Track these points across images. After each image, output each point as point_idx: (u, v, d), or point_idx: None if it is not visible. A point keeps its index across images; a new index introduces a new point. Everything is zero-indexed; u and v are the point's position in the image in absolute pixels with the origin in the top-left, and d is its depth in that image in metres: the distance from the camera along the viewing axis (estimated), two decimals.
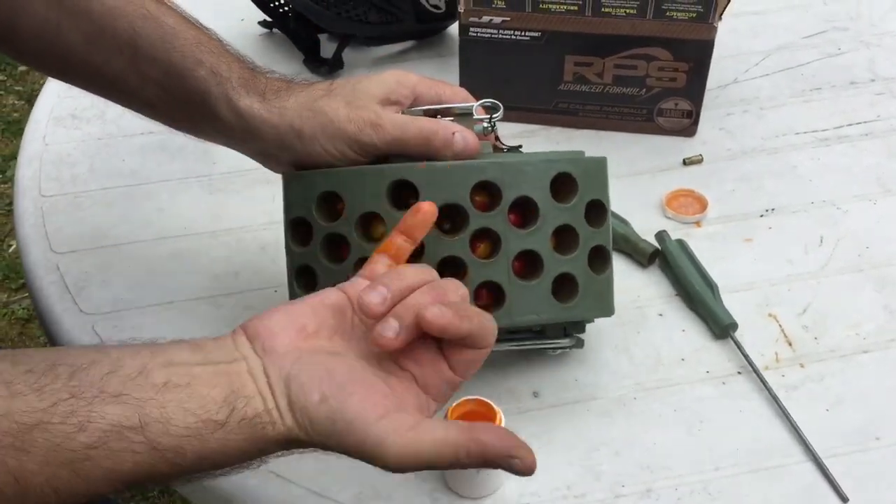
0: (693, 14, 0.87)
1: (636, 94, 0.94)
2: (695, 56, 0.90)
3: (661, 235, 0.82)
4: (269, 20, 1.11)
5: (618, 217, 0.83)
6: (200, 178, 0.92)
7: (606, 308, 0.69)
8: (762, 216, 0.87)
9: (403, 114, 0.66)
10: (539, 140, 0.96)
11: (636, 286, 0.80)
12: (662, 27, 0.89)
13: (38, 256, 0.83)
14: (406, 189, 0.63)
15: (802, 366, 0.73)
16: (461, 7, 0.91)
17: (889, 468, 0.66)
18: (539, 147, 0.93)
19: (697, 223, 0.86)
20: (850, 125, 0.97)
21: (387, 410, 0.50)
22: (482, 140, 0.67)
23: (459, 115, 0.67)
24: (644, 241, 0.82)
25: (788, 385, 0.72)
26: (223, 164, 0.92)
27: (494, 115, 0.67)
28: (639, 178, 0.91)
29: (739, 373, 0.73)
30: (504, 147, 0.70)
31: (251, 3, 1.09)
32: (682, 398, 0.71)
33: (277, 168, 0.71)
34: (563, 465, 0.67)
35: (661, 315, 0.78)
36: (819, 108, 1.00)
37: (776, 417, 0.70)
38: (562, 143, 0.95)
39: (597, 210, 0.67)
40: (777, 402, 0.70)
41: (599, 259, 0.67)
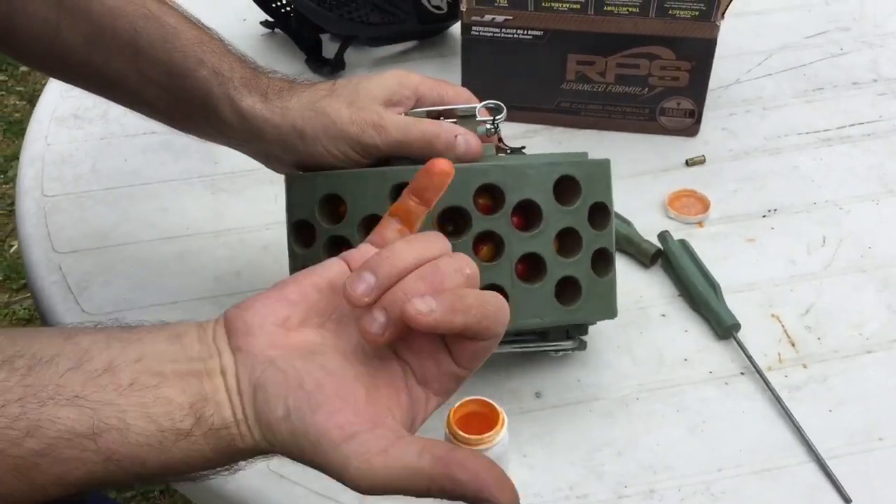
0: (696, 12, 0.87)
1: (638, 94, 0.94)
2: (697, 55, 0.90)
3: (664, 236, 0.82)
4: (271, 20, 1.11)
5: (620, 217, 0.83)
6: (203, 178, 0.92)
7: (609, 310, 0.69)
8: (765, 216, 0.87)
9: (406, 115, 0.66)
10: (541, 140, 0.96)
11: (638, 287, 0.80)
12: (665, 26, 0.89)
13: (40, 256, 0.83)
14: None
15: (805, 366, 0.73)
16: (463, 6, 0.91)
17: (892, 469, 0.66)
18: (541, 147, 0.94)
19: (700, 223, 0.86)
20: (853, 125, 0.97)
21: (356, 430, 0.44)
22: (485, 142, 0.67)
23: (462, 117, 0.67)
24: (646, 242, 0.82)
25: (791, 385, 0.72)
26: (225, 164, 0.92)
27: (497, 117, 0.67)
28: (641, 179, 0.91)
29: (742, 373, 0.73)
30: (507, 148, 0.69)
31: (253, 4, 1.09)
32: (685, 399, 0.71)
33: (279, 168, 0.71)
34: (566, 466, 0.67)
35: (664, 315, 0.78)
36: (821, 109, 1.00)
37: (779, 418, 0.70)
38: (564, 143, 0.95)
39: (600, 212, 0.67)
40: (780, 403, 0.70)
41: (602, 262, 0.67)
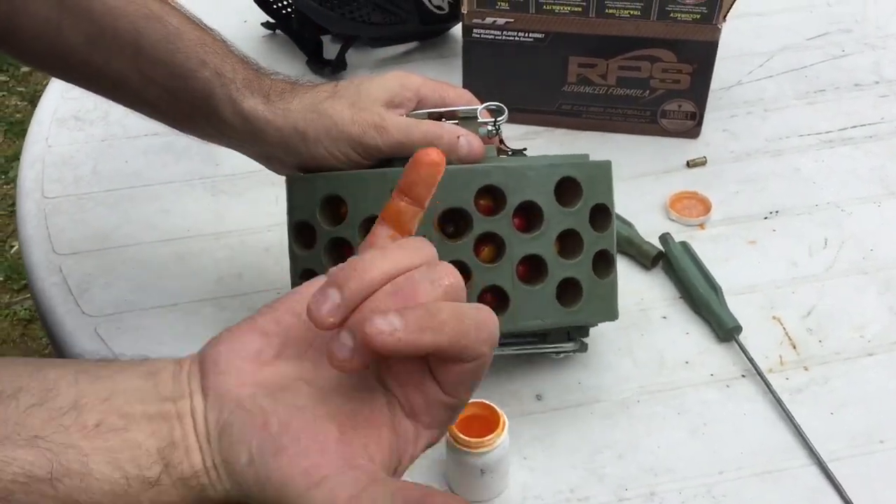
0: (697, 15, 0.87)
1: (640, 96, 0.94)
2: (699, 57, 0.90)
3: (665, 238, 0.82)
4: (273, 21, 1.11)
5: (621, 219, 0.83)
6: (204, 180, 0.92)
7: (610, 312, 0.69)
8: (766, 218, 0.87)
9: (408, 117, 0.66)
10: (543, 142, 0.96)
11: (640, 289, 0.80)
12: (666, 28, 0.88)
13: (41, 258, 0.83)
14: None
15: (807, 369, 0.73)
16: (465, 8, 0.91)
17: (893, 471, 0.66)
18: (543, 149, 0.94)
19: (701, 225, 0.86)
20: (855, 127, 0.97)
21: (323, 474, 0.40)
22: (486, 144, 0.67)
23: (463, 119, 0.67)
24: (647, 244, 0.82)
25: (793, 388, 0.72)
26: (227, 166, 0.92)
27: (499, 119, 0.67)
28: (642, 180, 0.91)
29: (743, 376, 0.73)
30: (508, 150, 0.69)
31: (254, 5, 1.09)
32: (686, 401, 0.71)
33: (281, 170, 0.71)
34: (567, 468, 0.66)
35: (665, 318, 0.78)
36: (823, 110, 0.99)
37: (780, 420, 0.69)
38: (565, 145, 0.95)
39: (601, 214, 0.67)
40: (781, 406, 0.70)
41: (603, 263, 0.67)
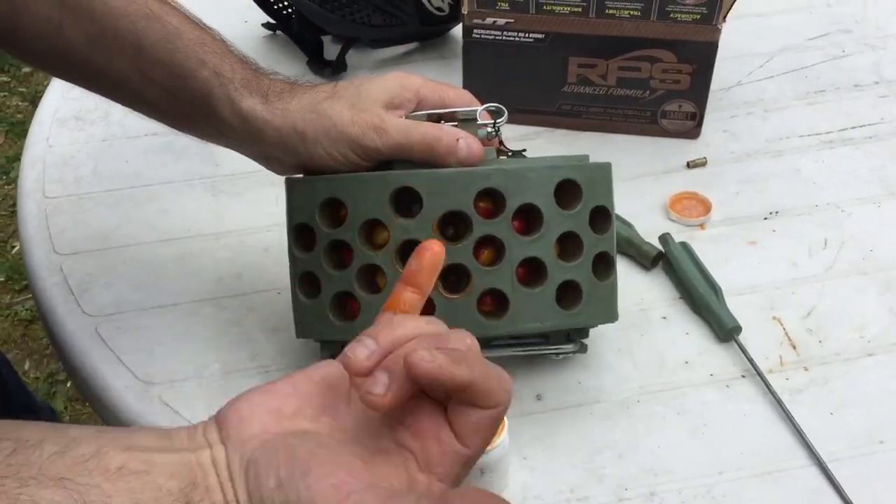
0: (697, 16, 0.87)
1: (640, 97, 0.94)
2: (699, 58, 0.90)
3: (665, 238, 0.82)
4: (273, 22, 1.11)
5: (621, 219, 0.83)
6: (204, 180, 0.92)
7: (610, 314, 0.69)
8: (766, 219, 0.87)
9: (407, 118, 0.66)
10: (542, 142, 0.96)
11: (640, 289, 0.80)
12: (666, 29, 0.89)
13: (42, 258, 0.83)
14: (409, 195, 0.63)
15: (807, 369, 0.73)
16: (465, 9, 0.91)
17: (893, 472, 0.66)
18: (543, 150, 0.94)
19: (701, 226, 0.86)
20: (855, 128, 0.97)
21: (351, 489, 0.43)
22: (486, 146, 0.67)
23: (463, 121, 0.67)
24: (647, 244, 0.82)
25: (793, 388, 0.72)
26: (227, 166, 0.92)
27: (499, 120, 0.67)
28: (642, 181, 0.91)
29: (743, 376, 0.73)
30: (508, 151, 0.69)
31: (255, 5, 1.09)
32: (686, 401, 0.71)
33: (280, 171, 0.71)
34: (567, 469, 0.66)
35: (665, 318, 0.78)
36: (823, 111, 0.99)
37: (780, 421, 0.69)
38: (565, 146, 0.95)
39: (601, 216, 0.67)
40: (781, 406, 0.70)
41: (603, 265, 0.67)
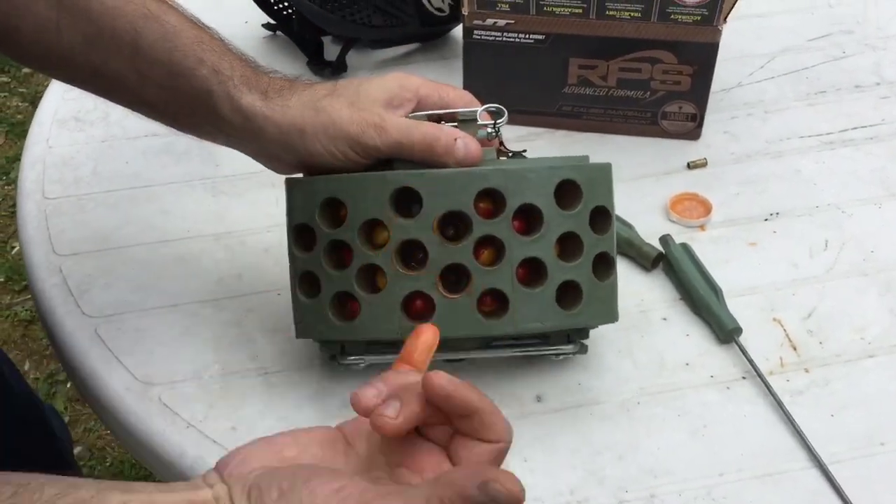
0: (698, 17, 0.87)
1: (640, 98, 0.94)
2: (699, 59, 0.90)
3: (665, 239, 0.82)
4: (273, 23, 1.11)
5: (621, 221, 0.83)
6: (204, 181, 0.92)
7: (610, 314, 0.69)
8: (767, 220, 0.87)
9: (407, 118, 0.66)
10: (543, 143, 0.96)
11: (640, 290, 0.80)
12: (667, 30, 0.88)
13: (41, 259, 0.83)
14: (409, 195, 0.63)
15: (807, 370, 0.73)
16: (465, 10, 0.91)
17: (894, 473, 0.66)
18: (543, 150, 0.94)
19: (702, 227, 0.86)
20: (855, 129, 0.97)
21: (352, 492, 0.44)
22: (486, 146, 0.67)
23: (463, 121, 0.67)
24: (648, 245, 0.81)
25: (793, 390, 0.72)
26: (227, 167, 0.92)
27: (499, 121, 0.67)
28: (643, 182, 0.91)
29: (744, 377, 0.73)
30: (508, 152, 0.69)
31: (255, 6, 1.09)
32: (686, 403, 0.71)
33: (280, 169, 0.71)
34: (566, 470, 0.66)
35: (665, 319, 0.78)
36: (824, 112, 0.99)
37: (780, 422, 0.69)
38: (566, 147, 0.95)
39: (601, 216, 0.67)
40: (781, 408, 0.70)
41: (603, 265, 0.67)
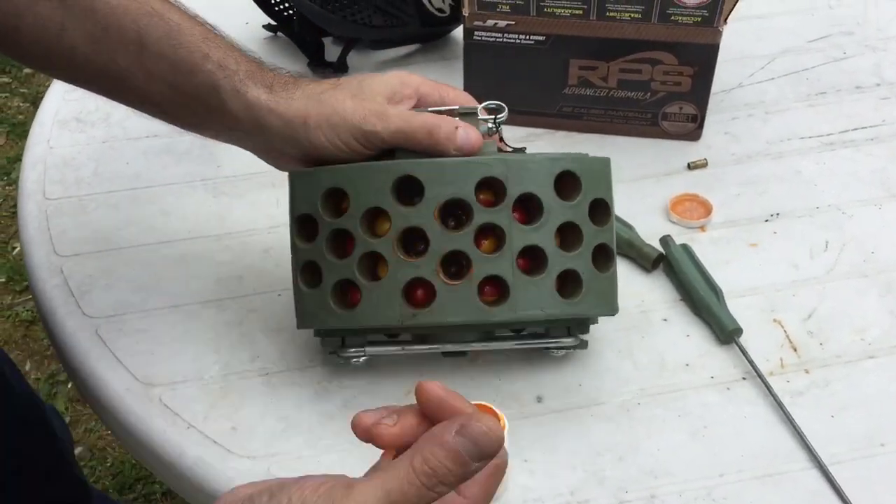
0: (698, 18, 0.87)
1: (641, 98, 0.94)
2: (700, 60, 0.90)
3: (666, 240, 0.82)
4: (274, 24, 1.11)
5: (622, 221, 0.83)
6: (205, 182, 0.92)
7: (610, 306, 0.69)
8: (767, 221, 0.87)
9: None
10: (543, 144, 0.96)
11: (640, 291, 0.80)
12: (667, 31, 0.88)
13: (42, 259, 0.83)
14: (411, 186, 0.64)
15: (807, 371, 0.73)
16: (465, 11, 0.91)
17: (894, 474, 0.66)
18: (543, 151, 0.93)
19: (702, 228, 0.86)
20: (856, 129, 0.97)
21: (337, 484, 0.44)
22: (486, 140, 0.67)
23: (463, 115, 0.68)
24: (648, 246, 0.82)
25: (793, 391, 0.72)
26: (228, 168, 0.92)
27: (499, 116, 0.68)
28: (643, 183, 0.91)
29: (744, 378, 0.73)
30: (509, 148, 0.70)
31: (255, 7, 1.09)
32: (687, 404, 0.71)
33: (283, 164, 0.71)
34: (567, 470, 0.66)
35: (666, 320, 0.78)
36: (824, 113, 0.99)
37: (781, 423, 0.69)
38: (566, 147, 0.95)
39: (600, 209, 0.67)
40: (782, 408, 0.70)
41: (603, 257, 0.67)
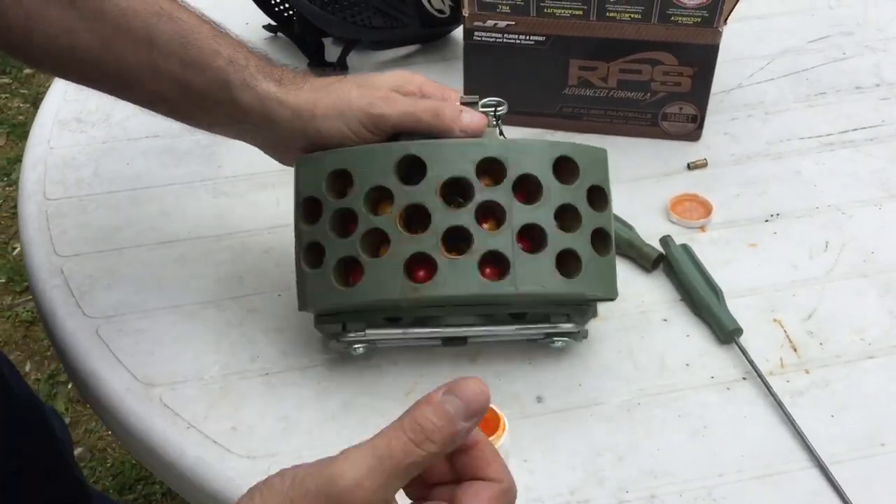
0: (698, 19, 0.87)
1: (641, 99, 0.94)
2: (700, 60, 0.90)
3: (666, 240, 0.82)
4: (274, 24, 1.11)
5: (622, 221, 0.83)
6: (205, 182, 0.92)
7: (610, 287, 0.69)
8: (767, 221, 0.87)
9: None
10: None
11: (640, 291, 0.80)
12: (667, 32, 0.89)
13: (43, 260, 0.83)
14: (414, 168, 0.65)
15: (807, 371, 0.73)
16: (465, 11, 0.91)
17: (894, 474, 0.66)
18: None
19: (702, 228, 0.86)
20: (855, 130, 0.97)
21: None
22: (487, 129, 0.70)
23: (465, 104, 0.71)
24: (648, 246, 0.82)
25: (793, 391, 0.72)
26: (228, 168, 0.92)
27: (499, 109, 0.71)
28: (643, 183, 0.91)
29: (744, 378, 0.73)
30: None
31: (256, 7, 1.09)
32: (687, 404, 0.71)
33: (288, 158, 0.72)
34: (567, 471, 0.66)
35: (666, 320, 0.78)
36: (824, 113, 0.99)
37: (781, 423, 0.69)
38: None
39: (599, 197, 0.68)
40: (782, 408, 0.70)
41: (602, 242, 0.68)
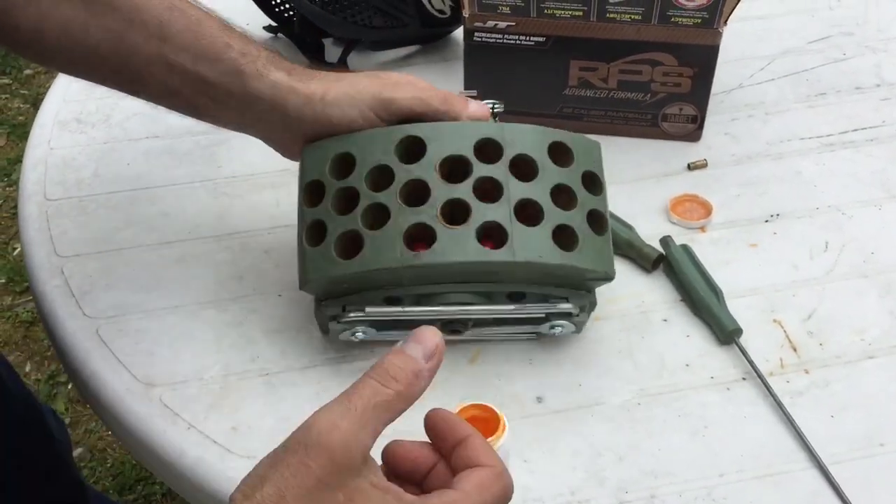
0: (698, 20, 0.87)
1: (641, 100, 0.94)
2: (700, 61, 0.90)
3: (666, 240, 0.82)
4: (274, 24, 1.11)
5: (622, 222, 0.83)
6: (205, 182, 0.92)
7: (607, 264, 0.69)
8: (767, 221, 0.87)
9: None
10: None
11: (640, 291, 0.80)
12: (668, 32, 0.89)
13: (43, 260, 0.83)
14: (415, 151, 0.67)
15: (807, 372, 0.73)
16: (466, 12, 0.91)
17: (894, 474, 0.66)
18: None
19: (702, 228, 0.86)
20: (856, 130, 0.97)
21: None
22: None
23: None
24: (648, 246, 0.82)
25: (793, 391, 0.72)
26: (228, 169, 0.92)
27: (496, 106, 0.74)
28: (643, 183, 0.91)
29: (744, 379, 0.73)
30: None
31: (256, 7, 1.09)
32: (687, 404, 0.71)
33: (294, 149, 0.73)
34: (567, 471, 0.66)
35: (666, 321, 0.78)
36: (824, 114, 1.00)
37: (781, 423, 0.69)
38: None
39: (593, 182, 0.69)
40: (782, 409, 0.70)
41: (597, 223, 0.68)
